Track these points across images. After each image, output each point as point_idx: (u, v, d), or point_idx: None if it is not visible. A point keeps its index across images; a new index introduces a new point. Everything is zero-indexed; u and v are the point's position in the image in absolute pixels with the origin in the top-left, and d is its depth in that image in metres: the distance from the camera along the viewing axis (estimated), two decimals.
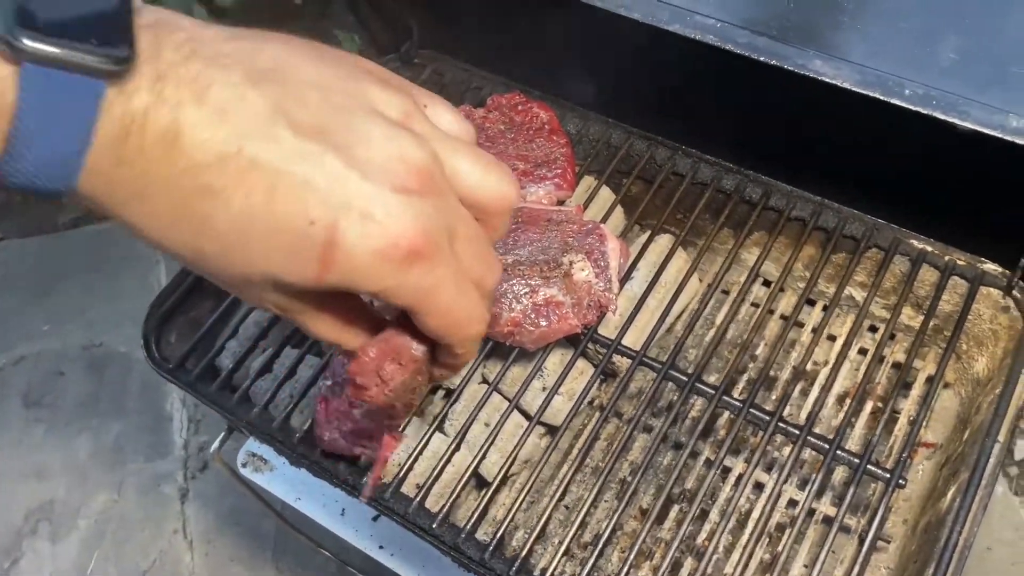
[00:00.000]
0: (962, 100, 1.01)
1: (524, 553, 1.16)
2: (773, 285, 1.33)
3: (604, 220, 1.41)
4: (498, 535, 1.17)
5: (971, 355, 1.39)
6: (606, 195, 1.48)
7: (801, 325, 1.46)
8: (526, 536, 1.23)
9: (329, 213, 0.54)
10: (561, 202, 1.44)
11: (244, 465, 1.47)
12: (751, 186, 1.42)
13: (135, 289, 2.31)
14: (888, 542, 1.30)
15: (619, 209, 1.46)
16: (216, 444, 1.52)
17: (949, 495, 1.19)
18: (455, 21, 1.62)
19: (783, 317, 1.47)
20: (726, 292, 1.52)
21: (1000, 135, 0.99)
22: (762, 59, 1.10)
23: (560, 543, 1.16)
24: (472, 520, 1.18)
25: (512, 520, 1.19)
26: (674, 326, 1.45)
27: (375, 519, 1.40)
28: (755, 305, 1.49)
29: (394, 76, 0.64)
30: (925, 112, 1.01)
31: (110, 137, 0.50)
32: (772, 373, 1.42)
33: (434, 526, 1.18)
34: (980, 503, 1.13)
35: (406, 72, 1.64)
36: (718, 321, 1.47)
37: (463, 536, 1.17)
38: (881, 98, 1.02)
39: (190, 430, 2.05)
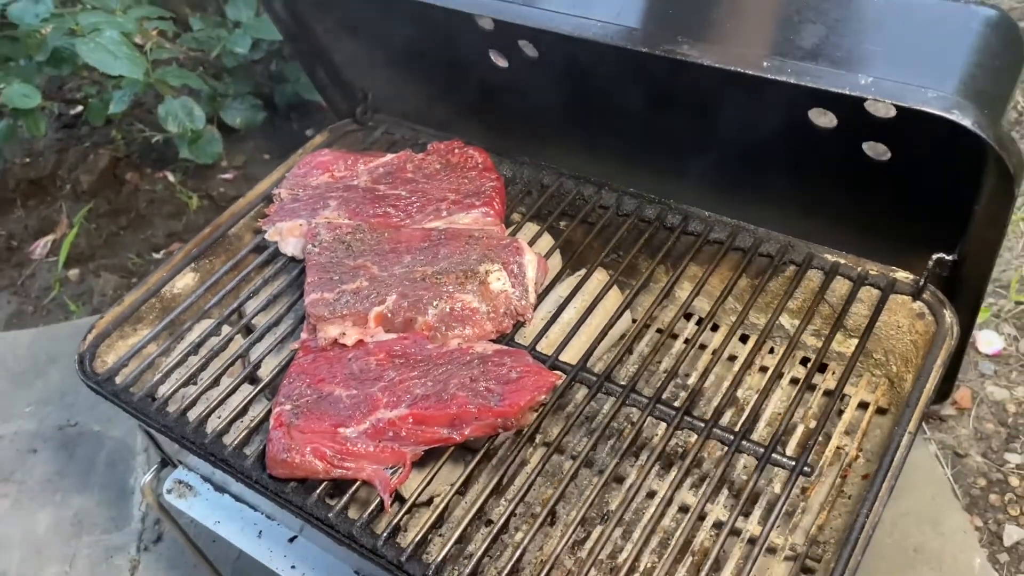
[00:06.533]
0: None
1: (418, 539, 1.12)
2: (687, 296, 1.34)
3: (531, 245, 1.45)
4: (392, 524, 1.14)
5: (901, 376, 1.37)
6: (535, 228, 1.53)
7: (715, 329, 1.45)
8: (422, 525, 1.19)
9: None
10: None
11: (169, 491, 1.46)
12: (671, 214, 1.46)
13: None
14: (818, 561, 1.23)
15: (546, 237, 1.50)
16: (148, 476, 1.52)
17: (854, 485, 1.14)
18: (405, 87, 1.74)
19: (692, 341, 1.46)
20: (638, 322, 1.53)
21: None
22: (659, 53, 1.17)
23: (458, 529, 1.12)
24: (370, 511, 1.16)
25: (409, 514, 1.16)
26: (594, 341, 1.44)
27: (291, 540, 1.36)
28: (660, 331, 1.49)
29: None
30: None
31: None
32: (687, 381, 1.40)
33: (331, 516, 1.15)
34: (887, 489, 1.09)
35: (360, 133, 1.76)
36: (633, 333, 1.46)
37: (359, 525, 1.14)
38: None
39: (150, 505, 2.03)
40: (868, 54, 1.06)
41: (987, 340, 2.24)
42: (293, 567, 1.33)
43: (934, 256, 1.25)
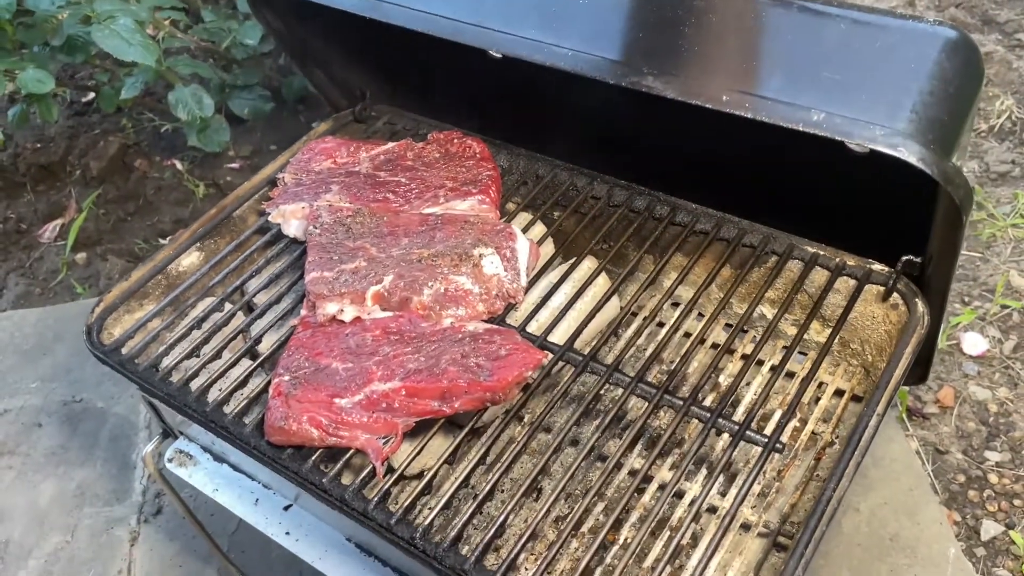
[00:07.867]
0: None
1: (407, 504, 1.18)
2: (671, 284, 1.40)
3: (525, 232, 1.51)
4: (382, 490, 1.19)
5: (876, 365, 1.42)
6: (529, 216, 1.58)
7: (701, 315, 1.51)
8: (411, 493, 1.24)
9: None
10: None
11: (170, 460, 1.52)
12: (660, 205, 1.52)
13: None
14: (790, 538, 1.28)
15: (539, 225, 1.56)
16: (150, 446, 1.58)
17: (828, 468, 1.19)
18: (404, 80, 1.80)
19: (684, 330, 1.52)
20: (624, 307, 1.58)
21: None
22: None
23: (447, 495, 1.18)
24: (361, 478, 1.21)
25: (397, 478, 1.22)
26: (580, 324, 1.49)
27: (286, 509, 1.42)
28: (644, 318, 1.55)
29: None
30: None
31: None
32: (674, 366, 1.45)
33: (324, 481, 1.21)
34: (854, 465, 1.14)
35: (359, 126, 1.81)
36: (619, 318, 1.52)
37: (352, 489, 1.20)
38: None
39: (150, 478, 2.09)
40: (827, 84, 1.10)
41: (972, 342, 2.29)
42: (287, 533, 1.39)
43: (903, 258, 1.31)
